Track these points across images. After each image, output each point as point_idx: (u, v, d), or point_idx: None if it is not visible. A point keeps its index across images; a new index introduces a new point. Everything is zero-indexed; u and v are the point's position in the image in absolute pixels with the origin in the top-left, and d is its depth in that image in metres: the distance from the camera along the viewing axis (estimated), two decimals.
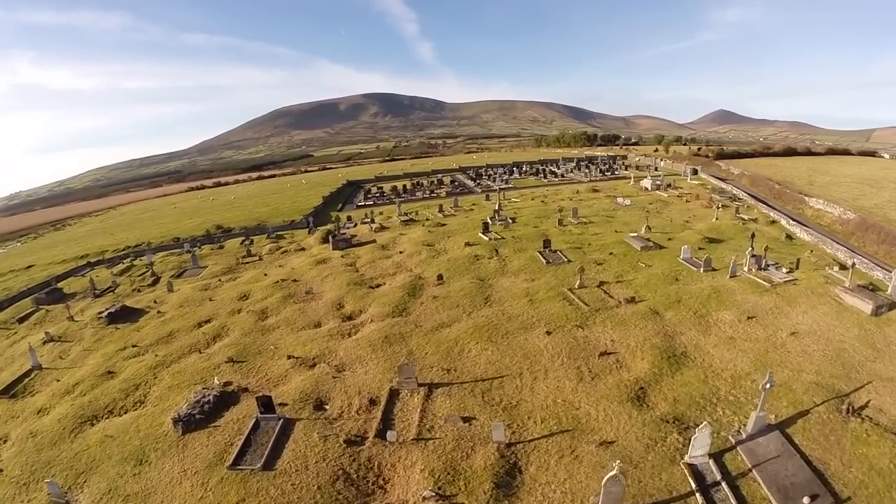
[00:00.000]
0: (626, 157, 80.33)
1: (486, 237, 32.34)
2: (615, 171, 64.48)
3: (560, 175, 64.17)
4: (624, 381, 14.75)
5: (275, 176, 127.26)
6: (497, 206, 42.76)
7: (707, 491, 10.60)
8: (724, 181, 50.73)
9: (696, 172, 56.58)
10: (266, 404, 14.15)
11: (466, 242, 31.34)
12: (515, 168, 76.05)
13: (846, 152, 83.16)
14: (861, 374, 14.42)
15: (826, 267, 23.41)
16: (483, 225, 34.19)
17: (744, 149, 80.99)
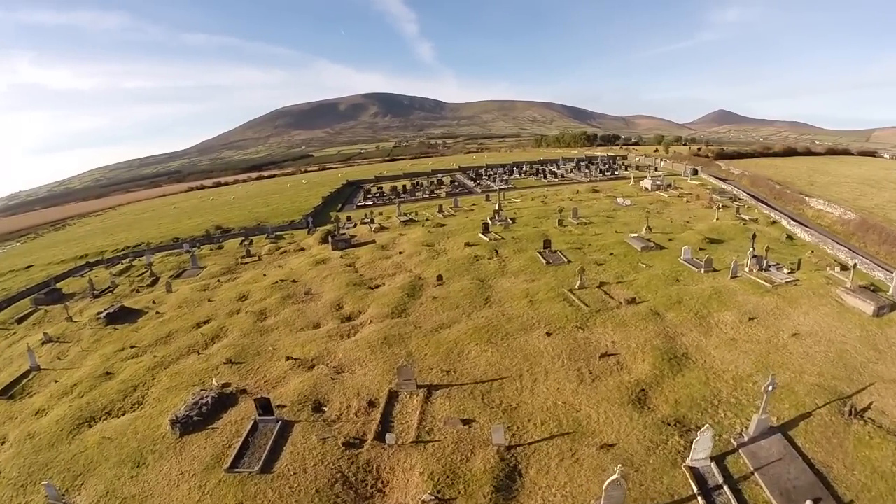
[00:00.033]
0: (626, 158, 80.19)
1: (485, 237, 32.24)
2: (615, 172, 64.35)
3: (560, 175, 64.05)
4: (625, 382, 14.64)
5: (275, 176, 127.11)
6: (497, 206, 42.64)
7: (709, 495, 10.51)
8: (725, 181, 50.60)
9: (697, 172, 56.45)
10: (264, 406, 14.05)
11: (466, 243, 31.24)
12: (515, 168, 75.93)
13: (846, 152, 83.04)
14: (863, 375, 14.33)
15: (827, 267, 23.31)
16: (483, 225, 34.08)
17: (744, 149, 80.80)
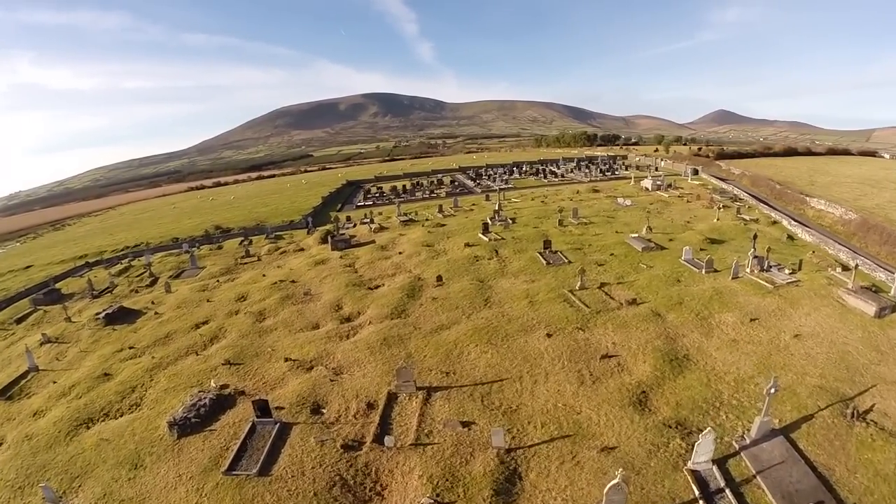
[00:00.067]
0: (626, 157, 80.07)
1: (485, 238, 32.14)
2: (615, 172, 64.23)
3: (560, 175, 63.93)
4: (625, 384, 14.54)
5: (274, 176, 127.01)
6: (497, 206, 42.53)
7: (711, 498, 10.41)
8: (725, 181, 50.46)
9: (697, 172, 56.31)
10: (262, 408, 13.96)
11: (466, 243, 31.13)
12: (515, 168, 75.79)
13: (846, 152, 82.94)
14: (865, 377, 14.24)
15: (828, 268, 23.21)
16: (483, 225, 33.97)
17: (744, 149, 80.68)
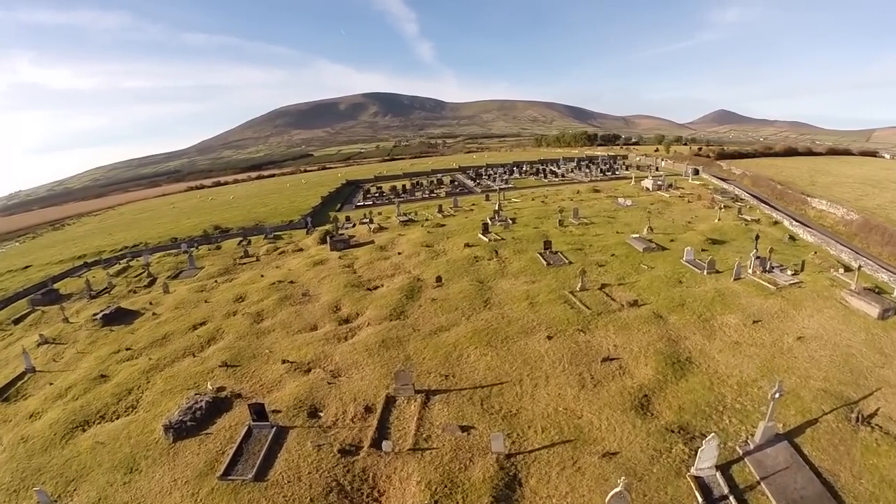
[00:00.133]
0: (626, 157, 79.91)
1: (485, 238, 31.95)
2: (616, 171, 64.04)
3: (560, 175, 63.73)
4: (627, 388, 14.34)
5: (274, 175, 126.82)
6: (497, 206, 42.33)
7: None
8: (726, 181, 50.27)
9: (698, 172, 56.14)
10: (258, 412, 13.77)
11: (466, 243, 30.94)
12: (515, 168, 75.58)
13: (847, 152, 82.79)
14: (869, 380, 14.07)
15: (831, 269, 23.04)
16: (483, 226, 33.77)
17: (745, 149, 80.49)
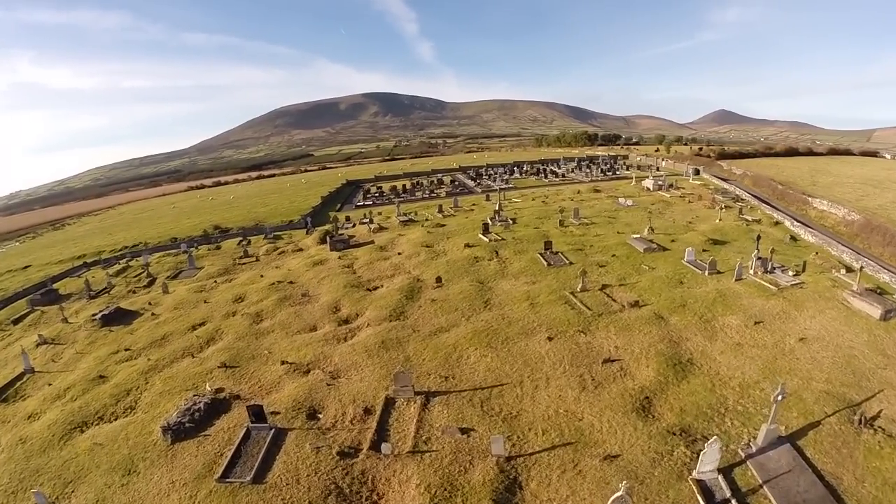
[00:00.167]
0: (627, 157, 79.83)
1: (486, 238, 31.86)
2: (616, 171, 63.95)
3: (561, 175, 63.63)
4: (628, 389, 14.25)
5: (274, 175, 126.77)
6: (497, 206, 42.21)
7: None
8: (727, 181, 50.14)
9: (698, 172, 56.00)
10: (257, 413, 13.68)
11: (466, 244, 30.85)
12: (516, 168, 75.48)
13: (848, 152, 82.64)
14: (872, 382, 13.97)
15: (832, 269, 22.94)
16: (483, 226, 33.68)
17: (745, 149, 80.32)
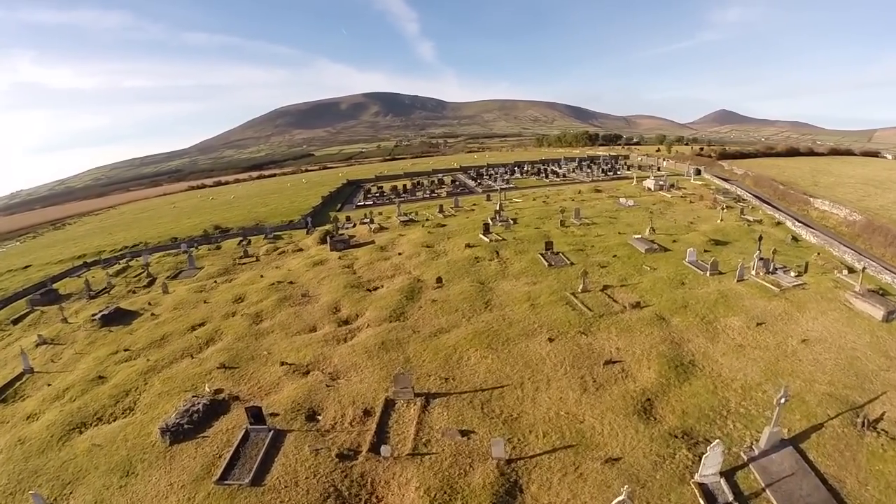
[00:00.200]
0: (628, 157, 79.73)
1: (486, 238, 31.77)
2: (617, 171, 63.86)
3: (562, 175, 63.54)
4: (630, 391, 14.16)
5: (275, 175, 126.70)
6: (498, 206, 42.06)
7: None
8: (728, 182, 50.03)
9: (700, 173, 55.90)
10: (256, 415, 13.60)
11: (467, 244, 30.76)
12: (517, 168, 75.39)
13: (849, 153, 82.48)
14: (875, 383, 13.87)
15: (834, 270, 22.84)
16: (484, 226, 33.60)
17: (746, 149, 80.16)
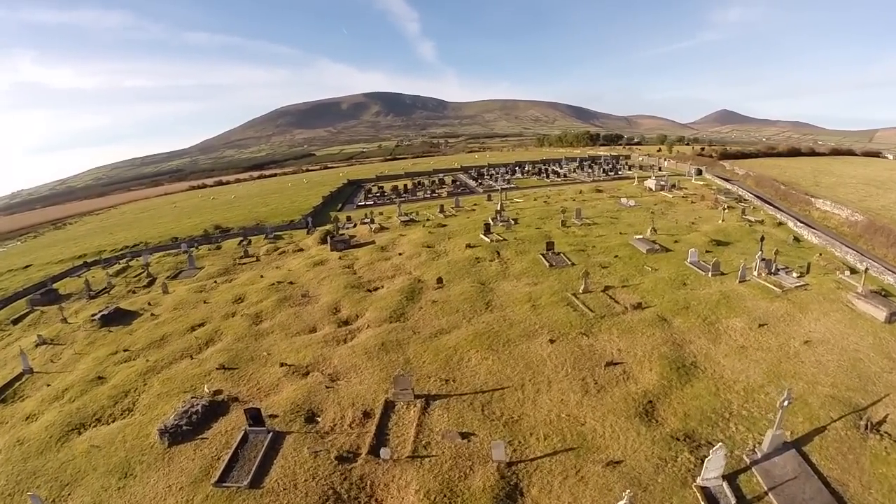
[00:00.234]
0: (629, 157, 79.60)
1: (487, 238, 31.68)
2: (618, 171, 63.77)
3: (563, 175, 63.44)
4: (631, 393, 14.06)
5: (276, 175, 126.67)
6: (499, 206, 41.95)
7: None
8: (729, 182, 49.89)
9: (701, 173, 55.78)
10: (255, 416, 13.52)
11: (467, 244, 30.68)
12: (518, 168, 75.29)
13: (850, 153, 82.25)
14: (878, 386, 13.77)
15: (836, 271, 22.73)
16: (484, 226, 33.53)
17: (747, 149, 79.96)
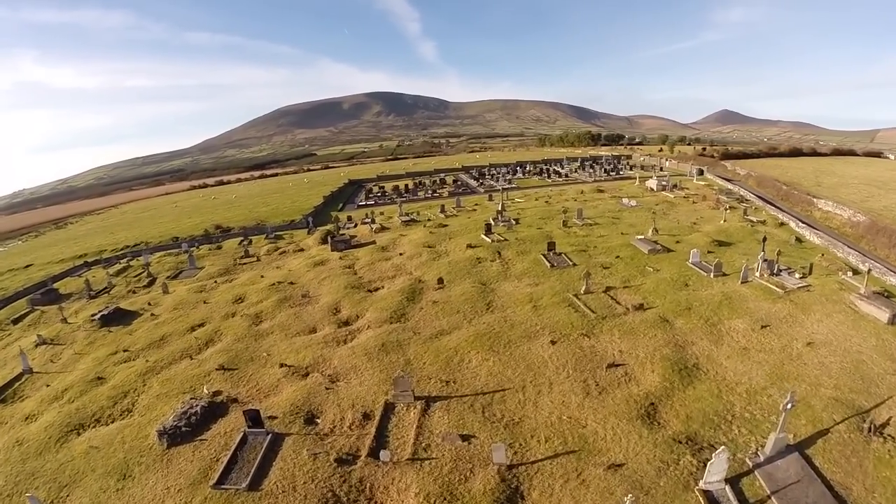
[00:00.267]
0: (630, 157, 79.46)
1: (488, 239, 31.60)
2: (620, 171, 63.64)
3: (564, 175, 63.33)
4: (633, 395, 13.97)
5: (277, 175, 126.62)
6: (500, 206, 41.85)
7: None
8: (731, 182, 49.73)
9: (702, 173, 55.61)
10: (254, 418, 13.46)
11: (468, 244, 30.60)
12: (519, 168, 75.16)
13: (851, 153, 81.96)
14: (881, 388, 13.65)
15: (839, 272, 22.59)
16: (486, 226, 33.46)
17: (749, 149, 79.76)
